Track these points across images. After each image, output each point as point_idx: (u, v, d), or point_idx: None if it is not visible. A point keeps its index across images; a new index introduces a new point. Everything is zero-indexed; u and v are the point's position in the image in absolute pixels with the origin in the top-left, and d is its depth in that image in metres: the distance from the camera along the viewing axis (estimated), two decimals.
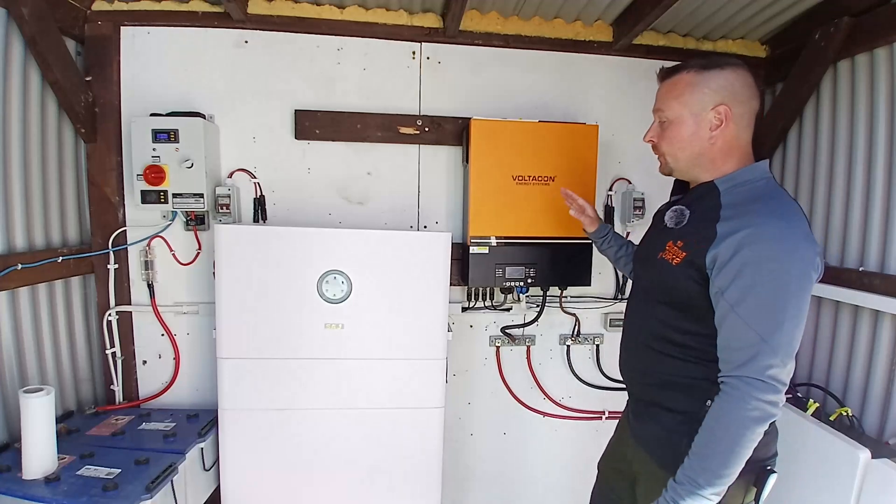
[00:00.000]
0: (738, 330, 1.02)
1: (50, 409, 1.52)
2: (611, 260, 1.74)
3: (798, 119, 2.12)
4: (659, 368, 1.23)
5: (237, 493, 1.81)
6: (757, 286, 1.00)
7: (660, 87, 1.23)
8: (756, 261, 1.01)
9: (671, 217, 1.23)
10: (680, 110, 1.18)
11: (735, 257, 1.02)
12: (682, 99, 1.17)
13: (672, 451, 1.16)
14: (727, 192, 1.14)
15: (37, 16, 1.63)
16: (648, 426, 1.28)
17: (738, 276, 1.02)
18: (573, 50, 2.18)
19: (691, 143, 1.17)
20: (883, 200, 1.76)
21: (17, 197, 1.71)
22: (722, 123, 1.14)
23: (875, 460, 1.53)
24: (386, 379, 1.82)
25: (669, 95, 1.19)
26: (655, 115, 1.24)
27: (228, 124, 2.05)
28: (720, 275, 1.04)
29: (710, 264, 1.06)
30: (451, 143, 2.15)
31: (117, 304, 2.03)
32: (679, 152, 1.20)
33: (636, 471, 1.34)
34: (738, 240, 1.02)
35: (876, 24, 1.73)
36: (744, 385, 1.00)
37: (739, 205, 1.10)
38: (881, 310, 1.71)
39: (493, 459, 2.38)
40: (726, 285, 1.03)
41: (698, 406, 1.13)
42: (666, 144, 1.21)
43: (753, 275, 1.00)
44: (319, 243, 1.75)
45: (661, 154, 1.24)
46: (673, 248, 1.16)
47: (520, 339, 2.31)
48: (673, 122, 1.19)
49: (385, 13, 2.06)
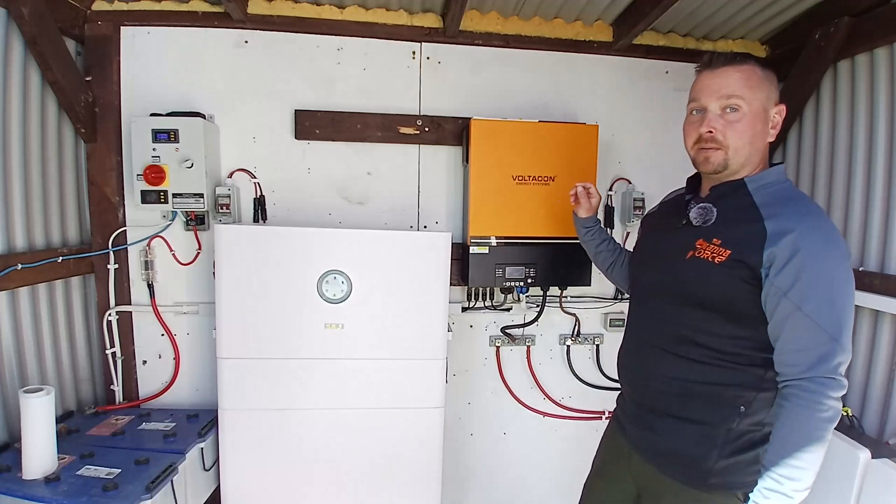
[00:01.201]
0: (808, 330, 1.00)
1: (50, 409, 1.52)
2: (591, 252, 1.71)
3: (798, 119, 2.12)
4: (681, 375, 1.16)
5: (237, 493, 1.81)
6: (821, 285, 1.00)
7: (726, 71, 1.12)
8: (815, 261, 1.00)
9: (698, 215, 1.16)
10: (759, 103, 1.11)
11: (795, 257, 1.00)
12: (758, 92, 1.11)
13: (696, 465, 1.14)
14: (756, 191, 1.12)
15: (37, 16, 1.63)
16: (662, 439, 1.21)
17: (799, 275, 1.00)
18: (573, 50, 2.18)
19: (758, 139, 1.12)
20: (883, 200, 1.76)
21: (17, 197, 1.71)
22: (779, 124, 1.14)
23: (875, 460, 1.53)
24: (386, 379, 1.82)
25: (746, 85, 1.10)
26: (719, 103, 1.12)
27: (228, 124, 2.05)
28: (780, 274, 1.01)
29: (766, 262, 1.03)
30: (451, 143, 2.15)
31: (117, 304, 2.03)
32: (747, 146, 1.12)
33: (641, 486, 1.28)
34: (794, 239, 1.01)
35: (876, 24, 1.73)
36: (817, 386, 0.99)
37: (775, 205, 1.08)
38: (881, 310, 1.71)
39: (493, 459, 2.38)
40: (789, 285, 1.00)
41: (727, 413, 1.11)
42: (735, 136, 1.11)
43: (814, 274, 0.99)
44: (319, 243, 1.75)
45: (720, 147, 1.12)
46: (709, 246, 1.11)
47: (520, 339, 2.31)
48: (747, 114, 1.11)
49: (385, 13, 2.06)
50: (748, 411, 1.11)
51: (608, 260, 1.66)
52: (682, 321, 1.17)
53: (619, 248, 1.68)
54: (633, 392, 1.32)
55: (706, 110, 1.13)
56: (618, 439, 1.37)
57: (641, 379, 1.27)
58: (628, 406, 1.34)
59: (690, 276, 1.14)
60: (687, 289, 1.15)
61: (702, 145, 1.15)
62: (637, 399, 1.30)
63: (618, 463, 1.36)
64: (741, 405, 1.11)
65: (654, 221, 1.42)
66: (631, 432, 1.31)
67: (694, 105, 1.17)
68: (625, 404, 1.37)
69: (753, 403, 1.11)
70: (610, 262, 1.66)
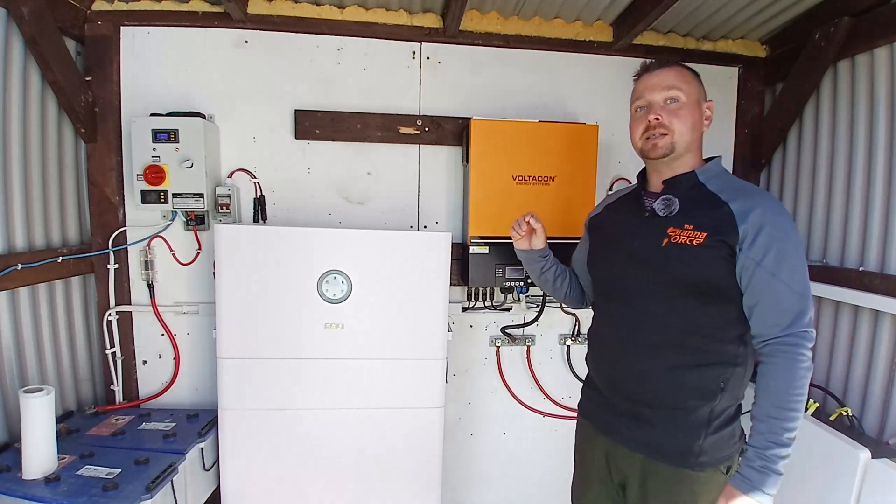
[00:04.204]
0: (782, 294, 1.12)
1: (50, 409, 1.52)
2: (549, 283, 1.62)
3: (798, 119, 2.12)
4: (675, 365, 1.21)
5: (237, 493, 1.81)
6: (787, 253, 1.13)
7: (663, 72, 1.27)
8: (780, 232, 1.13)
9: (665, 205, 1.26)
10: (694, 95, 1.25)
11: (763, 231, 1.13)
12: (692, 86, 1.26)
13: (687, 447, 1.21)
14: (708, 180, 1.25)
15: (37, 16, 1.63)
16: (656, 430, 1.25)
17: (770, 246, 1.12)
18: (573, 50, 2.18)
19: (696, 128, 1.26)
20: (883, 200, 1.76)
21: (17, 197, 1.71)
22: (710, 119, 1.29)
23: (875, 460, 1.53)
24: (386, 379, 1.82)
25: (682, 80, 1.25)
26: (662, 95, 1.25)
27: (228, 124, 2.05)
28: (753, 247, 1.13)
29: (742, 238, 1.14)
30: (451, 143, 2.15)
31: (117, 304, 2.03)
32: (689, 132, 1.24)
33: (626, 475, 1.32)
34: (760, 215, 1.13)
35: (876, 24, 1.73)
36: (797, 340, 1.12)
37: (729, 190, 1.21)
38: (881, 310, 1.71)
39: (493, 459, 2.38)
40: (761, 256, 1.13)
41: (711, 392, 1.20)
42: (678, 122, 1.23)
43: (782, 244, 1.13)
44: (319, 243, 1.75)
45: (668, 132, 1.24)
46: (682, 231, 1.20)
47: (520, 339, 2.31)
48: (686, 104, 1.24)
49: (385, 13, 2.06)
50: (727, 387, 1.21)
51: (565, 280, 1.62)
52: (670, 310, 1.22)
53: (566, 267, 1.64)
54: (618, 391, 1.33)
55: (650, 104, 1.26)
56: (594, 442, 1.40)
57: (632, 377, 1.28)
58: (610, 404, 1.35)
59: (671, 261, 1.21)
60: (670, 274, 1.21)
61: (649, 133, 1.26)
62: (627, 396, 1.31)
63: (600, 466, 1.39)
64: (720, 382, 1.20)
65: (608, 220, 1.46)
66: (616, 428, 1.33)
67: (638, 103, 1.30)
68: (603, 402, 1.38)
69: (731, 380, 1.21)
70: (567, 281, 1.62)
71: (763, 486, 1.09)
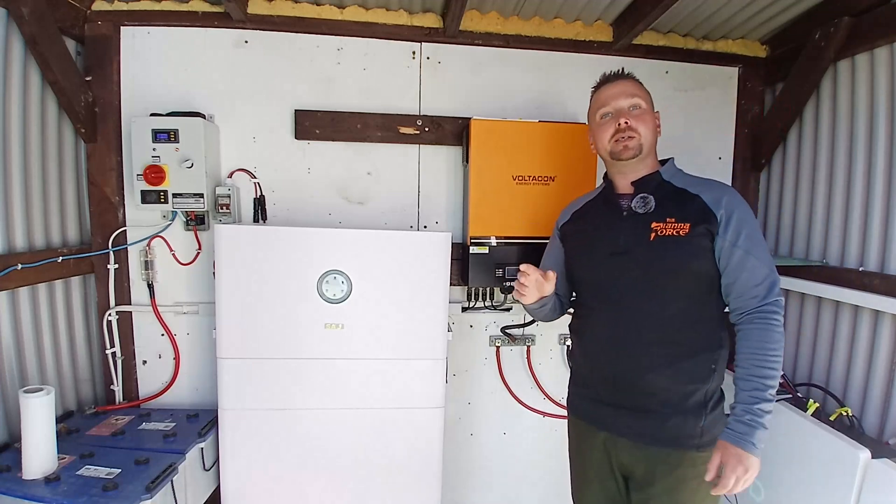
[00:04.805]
0: (757, 268, 1.25)
1: (50, 409, 1.52)
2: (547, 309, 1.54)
3: (798, 119, 2.12)
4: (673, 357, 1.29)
5: (237, 493, 1.81)
6: (755, 233, 1.27)
7: (623, 82, 1.40)
8: (746, 215, 1.28)
9: (643, 203, 1.35)
10: (650, 104, 1.41)
11: (734, 216, 1.27)
12: (648, 96, 1.41)
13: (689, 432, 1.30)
14: (671, 178, 1.38)
15: (37, 16, 1.63)
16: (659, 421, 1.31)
17: (741, 228, 1.26)
18: (573, 50, 2.18)
19: (654, 132, 1.40)
20: (883, 200, 1.76)
21: (17, 197, 1.71)
22: (660, 127, 1.43)
23: (875, 460, 1.52)
24: (386, 379, 1.82)
25: (640, 90, 1.40)
26: (627, 102, 1.37)
27: (228, 124, 2.05)
28: (728, 230, 1.26)
29: (719, 223, 1.27)
30: (451, 143, 2.15)
31: (117, 304, 2.03)
32: (651, 135, 1.38)
33: (629, 465, 1.37)
34: (727, 203, 1.28)
35: (876, 24, 1.73)
36: (773, 307, 1.25)
37: (694, 185, 1.35)
38: (881, 310, 1.71)
39: (493, 459, 2.38)
40: (736, 237, 1.26)
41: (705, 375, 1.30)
42: (643, 126, 1.36)
43: (750, 226, 1.27)
44: (319, 243, 1.75)
45: (636, 135, 1.35)
46: (666, 225, 1.30)
47: (520, 339, 2.31)
48: (647, 110, 1.39)
49: (385, 13, 2.06)
50: (717, 368, 1.32)
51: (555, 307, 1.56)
52: (663, 306, 1.30)
53: None
54: (618, 387, 1.36)
55: (617, 110, 1.38)
56: (593, 439, 1.44)
57: (633, 373, 1.33)
58: (608, 400, 1.39)
59: (662, 253, 1.30)
60: (662, 266, 1.30)
61: (619, 136, 1.36)
62: (627, 391, 1.35)
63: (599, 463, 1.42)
64: (712, 364, 1.31)
65: (582, 225, 1.50)
66: (616, 422, 1.38)
67: (603, 111, 1.41)
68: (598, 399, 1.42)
69: (719, 361, 1.33)
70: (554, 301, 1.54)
71: (752, 438, 1.18)
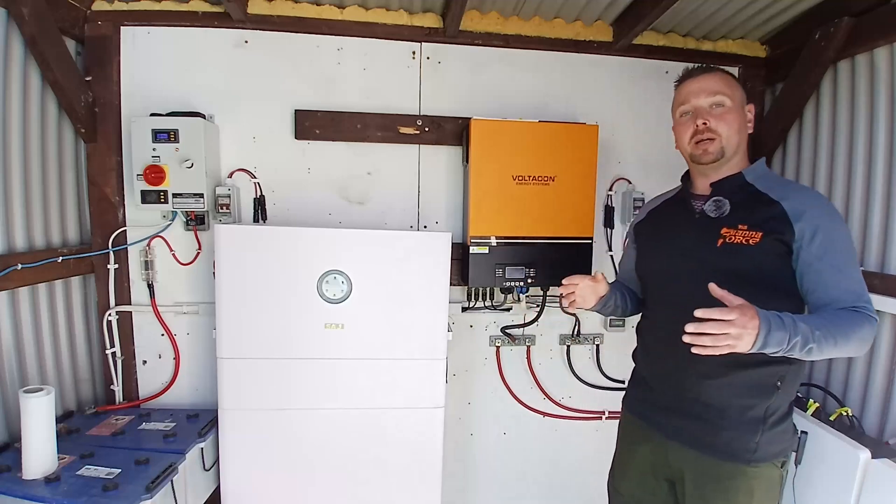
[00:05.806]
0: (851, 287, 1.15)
1: (50, 409, 1.52)
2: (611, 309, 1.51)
3: (798, 119, 2.12)
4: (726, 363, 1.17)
5: (237, 493, 1.81)
6: (848, 252, 1.17)
7: (706, 77, 1.27)
8: (834, 232, 1.16)
9: (716, 207, 1.27)
10: (738, 99, 1.27)
11: (820, 230, 1.15)
12: (735, 91, 1.27)
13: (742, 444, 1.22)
14: (755, 180, 1.26)
15: (37, 16, 1.63)
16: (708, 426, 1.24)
17: (831, 245, 1.15)
18: (573, 50, 2.18)
19: (742, 130, 1.27)
20: (883, 200, 1.76)
21: (17, 197, 1.71)
22: (752, 122, 1.30)
23: (875, 460, 1.52)
24: (386, 379, 1.82)
25: (726, 85, 1.26)
26: (707, 101, 1.26)
27: (228, 124, 2.05)
28: (812, 245, 1.15)
29: (798, 236, 1.15)
30: (451, 143, 2.15)
31: (117, 304, 2.03)
32: (736, 135, 1.25)
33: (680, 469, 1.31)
34: (815, 215, 1.16)
35: (876, 24, 1.73)
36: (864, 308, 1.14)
37: (777, 189, 1.23)
38: (881, 310, 1.70)
39: (493, 459, 2.38)
40: (823, 253, 1.15)
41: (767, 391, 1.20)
42: (726, 127, 1.24)
43: (841, 243, 1.16)
44: (319, 243, 1.75)
45: (717, 136, 1.25)
46: (737, 232, 1.21)
47: (520, 339, 2.31)
48: (732, 108, 1.25)
49: (385, 13, 2.06)
50: (783, 385, 1.21)
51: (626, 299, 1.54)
52: None
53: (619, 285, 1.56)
54: (671, 387, 1.32)
55: (696, 109, 1.27)
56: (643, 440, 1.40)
57: (686, 374, 1.27)
58: (662, 400, 1.35)
59: (726, 260, 1.21)
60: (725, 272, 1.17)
61: (698, 138, 1.26)
62: (680, 392, 1.30)
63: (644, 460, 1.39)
64: (777, 380, 1.21)
65: (655, 223, 1.44)
66: (668, 425, 1.33)
67: (684, 108, 1.30)
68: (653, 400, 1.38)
69: (787, 377, 1.22)
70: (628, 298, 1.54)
71: (776, 328, 1.01)
